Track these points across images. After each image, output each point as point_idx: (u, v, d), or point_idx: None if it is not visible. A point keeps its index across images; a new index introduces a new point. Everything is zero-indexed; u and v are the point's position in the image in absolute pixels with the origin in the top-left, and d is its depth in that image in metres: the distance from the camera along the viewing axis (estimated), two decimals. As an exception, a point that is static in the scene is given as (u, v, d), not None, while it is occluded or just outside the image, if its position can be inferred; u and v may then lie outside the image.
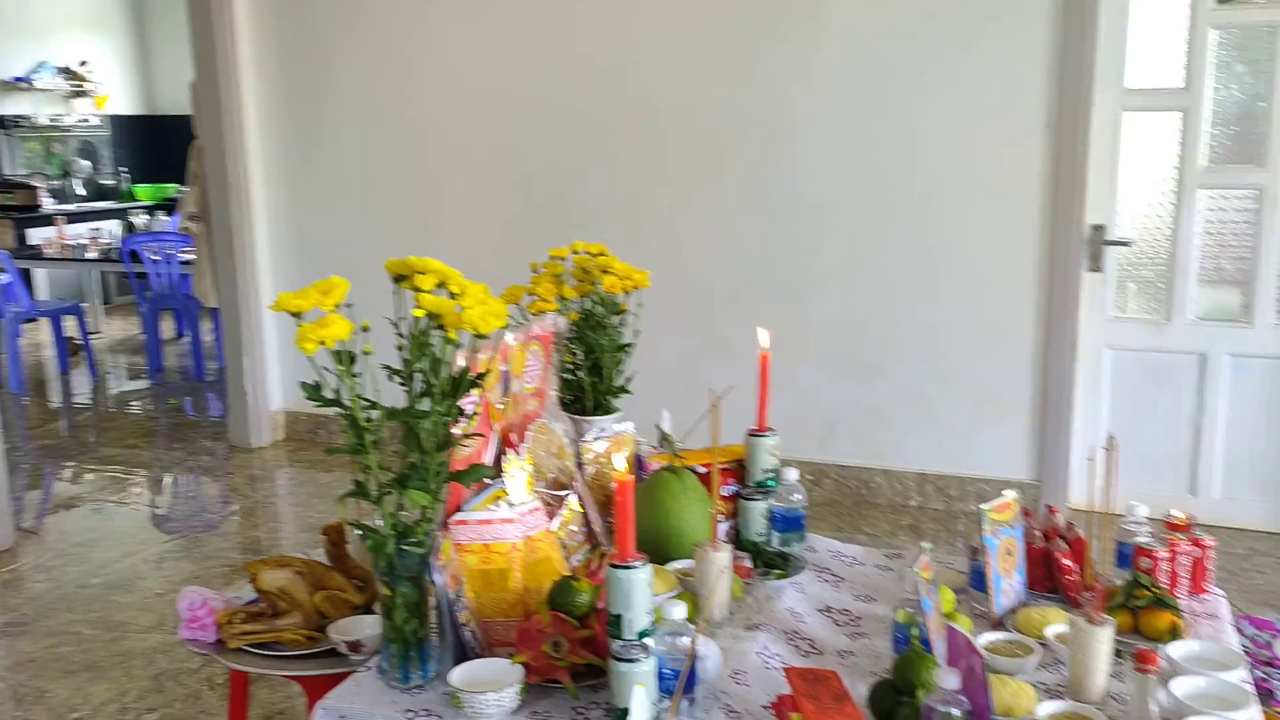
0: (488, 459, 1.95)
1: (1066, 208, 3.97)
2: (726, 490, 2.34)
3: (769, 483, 2.33)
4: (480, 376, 1.75)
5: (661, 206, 4.59)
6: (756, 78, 4.35)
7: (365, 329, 1.66)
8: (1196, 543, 2.21)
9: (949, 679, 1.55)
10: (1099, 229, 3.98)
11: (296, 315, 1.57)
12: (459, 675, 1.70)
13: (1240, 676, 1.85)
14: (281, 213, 5.29)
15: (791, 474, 2.33)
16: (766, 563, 2.23)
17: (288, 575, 2.07)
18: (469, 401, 1.77)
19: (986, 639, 1.96)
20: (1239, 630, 2.82)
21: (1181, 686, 1.79)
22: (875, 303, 4.34)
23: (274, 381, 5.43)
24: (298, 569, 2.10)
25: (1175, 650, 1.92)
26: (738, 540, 2.30)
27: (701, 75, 4.43)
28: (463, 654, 1.79)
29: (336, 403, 1.62)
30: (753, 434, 2.35)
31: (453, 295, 1.68)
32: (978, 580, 2.14)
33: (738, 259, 4.51)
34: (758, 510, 2.29)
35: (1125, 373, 4.11)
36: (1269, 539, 3.92)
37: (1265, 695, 2.53)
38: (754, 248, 4.48)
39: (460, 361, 1.73)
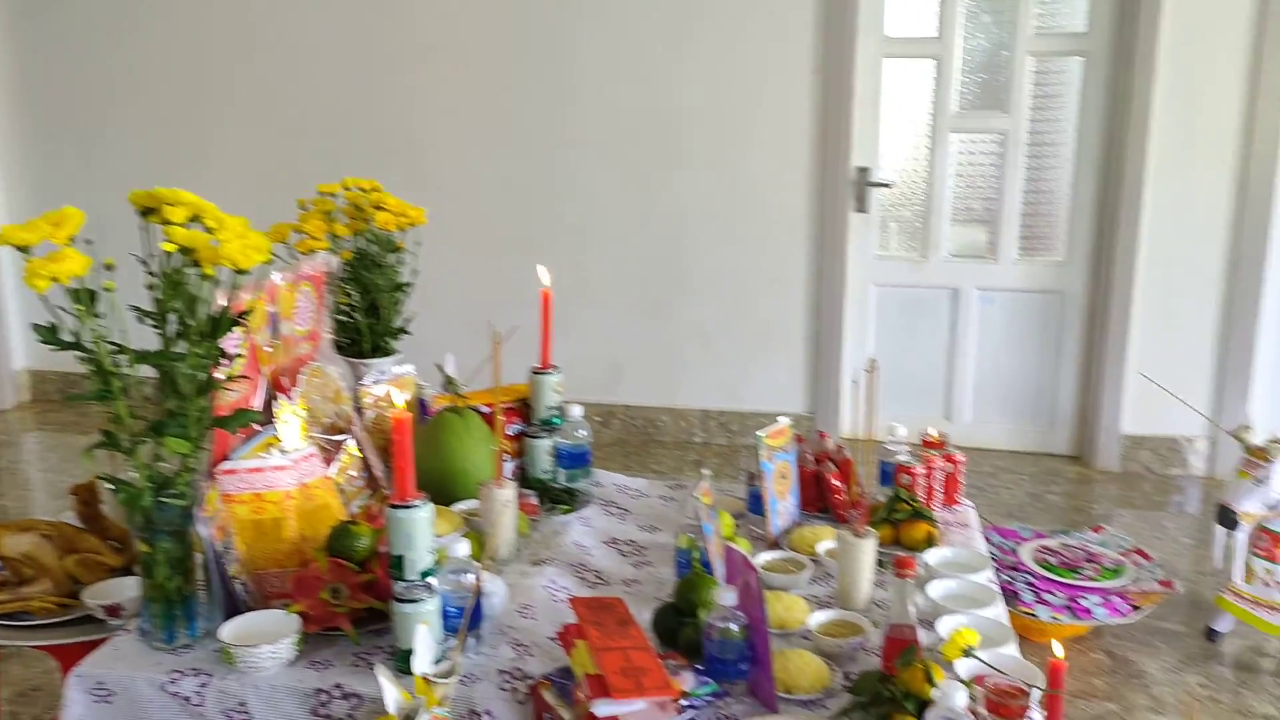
0: (256, 404, 1.85)
1: (834, 151, 4.14)
2: (512, 429, 2.33)
3: (554, 420, 2.33)
4: (243, 316, 1.65)
5: (442, 146, 4.47)
6: (537, 15, 4.28)
7: (109, 266, 1.52)
8: (949, 459, 2.38)
9: (727, 596, 1.61)
10: (864, 171, 4.19)
11: (24, 250, 1.43)
12: (230, 630, 1.62)
13: (987, 578, 2.02)
14: (13, 139, 4.79)
15: (576, 410, 2.33)
16: (553, 499, 2.23)
17: (32, 539, 1.90)
18: (231, 343, 1.67)
19: (763, 558, 2.05)
20: (987, 539, 3.07)
21: (937, 589, 1.94)
22: (659, 243, 4.40)
23: (14, 337, 4.96)
24: (44, 532, 1.93)
25: (931, 557, 2.07)
26: (524, 478, 2.29)
27: (483, 12, 4.31)
28: (234, 609, 1.70)
29: (76, 345, 1.49)
30: (536, 372, 2.34)
31: (208, 230, 1.57)
32: (755, 504, 2.22)
33: (522, 199, 4.46)
34: (543, 448, 2.29)
35: (889, 307, 4.36)
36: (1012, 457, 4.29)
37: (1010, 596, 2.78)
38: (539, 188, 4.44)
39: (220, 300, 1.63)
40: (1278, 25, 3.69)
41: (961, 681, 1.53)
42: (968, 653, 1.63)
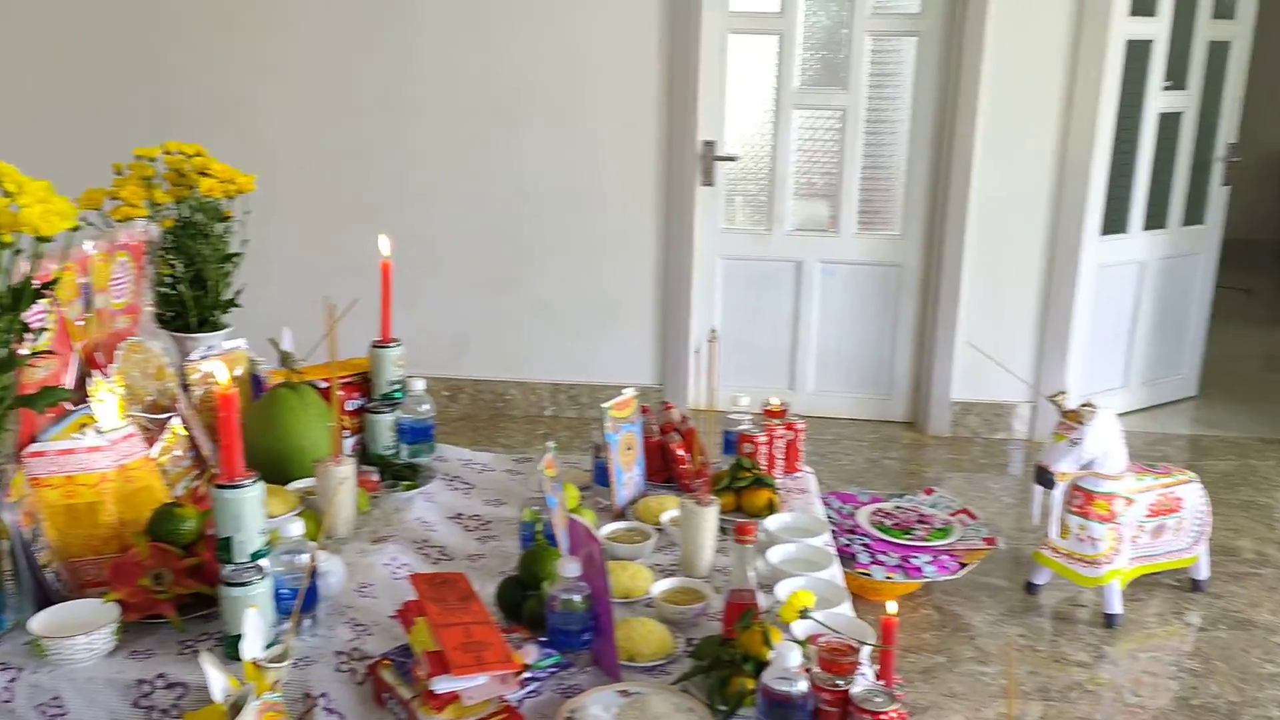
0: (66, 382, 1.74)
1: (681, 124, 4.17)
2: (352, 405, 2.26)
3: (395, 394, 2.28)
4: (48, 287, 1.54)
5: (276, 112, 4.28)
6: (375, -22, 4.14)
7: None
8: (790, 427, 2.44)
9: (570, 568, 1.61)
10: (710, 145, 4.23)
11: None
12: (41, 621, 1.52)
13: (825, 541, 2.08)
14: None
15: (418, 384, 2.28)
16: (395, 475, 2.18)
17: None
18: (36, 316, 1.55)
19: (608, 529, 2.06)
20: (827, 504, 3.18)
21: (776, 553, 1.99)
22: (506, 215, 4.34)
23: None
24: None
25: (772, 523, 2.12)
26: (365, 455, 2.23)
27: (315, -29, 4.14)
28: (46, 599, 1.60)
29: None
30: (376, 345, 2.28)
31: (7, 194, 1.45)
32: (601, 476, 2.23)
33: (362, 167, 4.32)
34: (384, 423, 2.23)
35: (735, 280, 4.43)
36: (853, 425, 4.44)
37: (849, 559, 2.88)
38: (380, 156, 4.30)
39: (22, 271, 1.51)
40: (1095, 9, 3.90)
41: (797, 642, 1.57)
42: (804, 614, 1.68)
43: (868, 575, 2.81)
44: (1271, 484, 3.90)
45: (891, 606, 1.55)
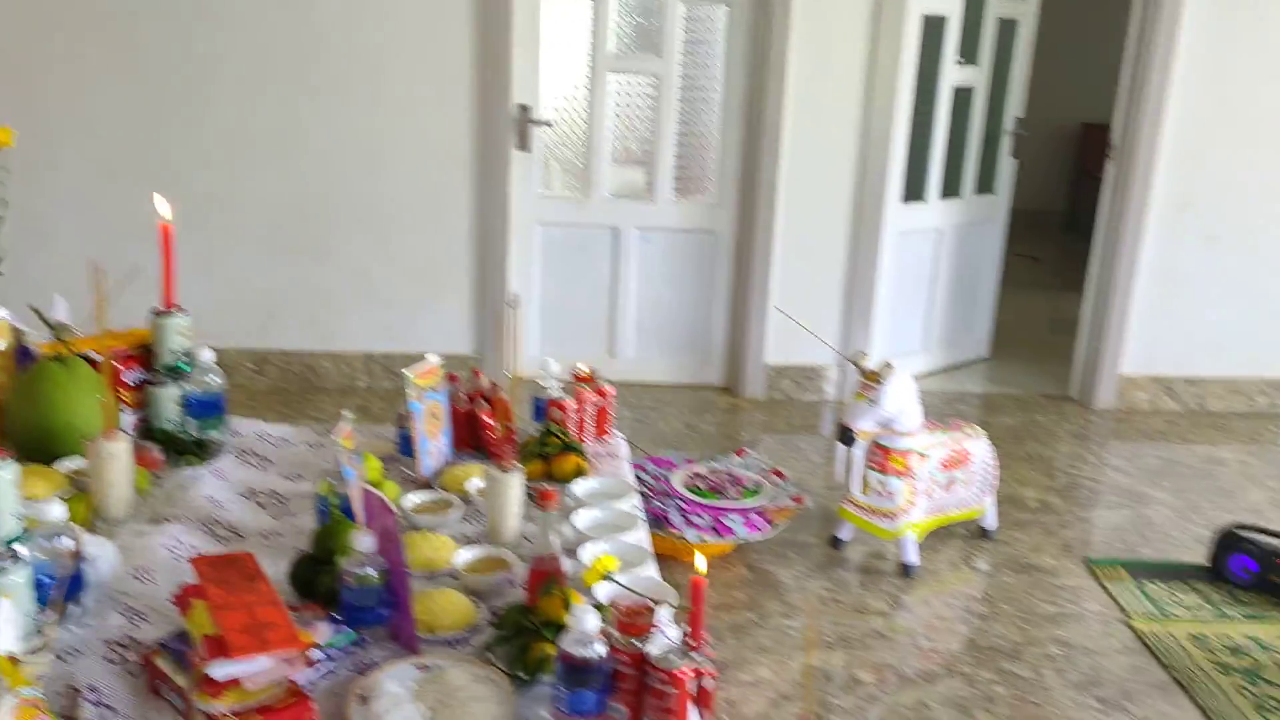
0: None
1: (494, 87, 4.08)
2: (132, 378, 2.11)
3: (181, 366, 2.14)
4: None
5: (58, 69, 3.94)
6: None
7: None
8: (600, 392, 2.44)
9: (363, 541, 1.55)
10: (525, 109, 4.17)
11: None
12: None
13: (631, 504, 2.09)
14: None
15: (206, 355, 2.15)
16: (180, 451, 2.06)
17: None
18: None
19: (412, 500, 2.01)
20: (643, 469, 3.21)
21: (583, 518, 1.98)
22: (312, 178, 4.15)
23: None
24: None
25: (579, 488, 2.11)
26: (149, 430, 2.09)
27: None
28: None
29: None
30: (158, 314, 2.14)
31: None
32: (406, 446, 2.17)
33: (156, 128, 4.04)
34: (168, 396, 2.10)
35: (553, 246, 4.40)
36: (672, 390, 4.51)
37: (662, 521, 2.92)
38: (175, 116, 4.03)
39: None
40: (894, -13, 4.05)
41: (600, 606, 1.57)
42: (607, 577, 1.68)
43: (681, 537, 2.85)
44: (1054, 437, 4.19)
45: (701, 564, 1.57)
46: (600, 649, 1.39)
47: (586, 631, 1.39)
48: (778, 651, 2.61)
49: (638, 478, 3.10)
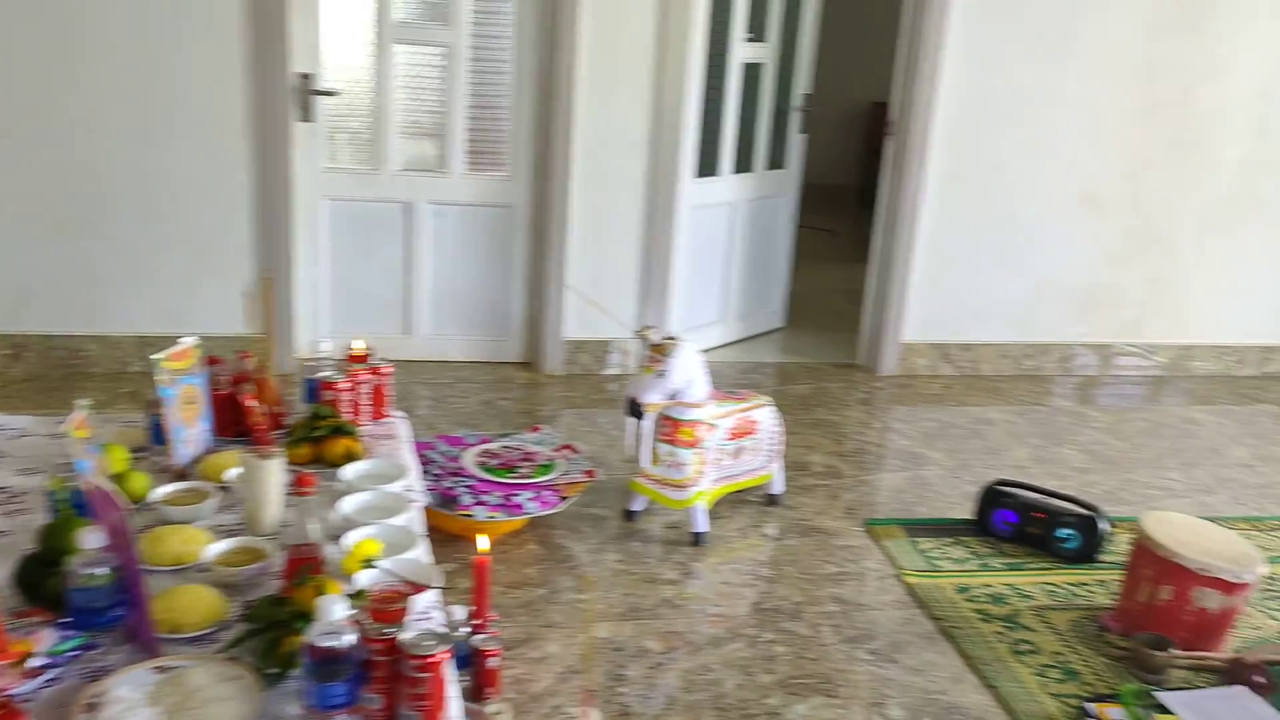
0: None
1: (271, 53, 3.87)
2: None
3: (-108, 354, 1.93)
4: None
5: None
6: None
7: None
8: (376, 371, 2.36)
9: (89, 538, 1.44)
10: (307, 78, 3.97)
11: None
12: None
13: (404, 486, 2.03)
14: None
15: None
16: (-109, 449, 1.86)
17: None
18: None
19: (164, 491, 1.89)
20: (433, 447, 3.14)
21: (350, 503, 1.91)
22: (75, 148, 3.83)
23: None
24: None
25: (349, 471, 2.04)
26: None
27: None
28: None
29: None
30: None
31: None
32: (158, 434, 2.04)
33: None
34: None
35: (342, 222, 4.23)
36: (470, 367, 4.43)
37: (452, 501, 2.87)
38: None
39: None
40: (682, -38, 4.08)
41: (357, 593, 1.51)
42: (368, 563, 1.63)
43: (470, 516, 2.81)
44: (841, 403, 4.36)
45: (483, 544, 1.53)
46: (350, 638, 1.34)
47: (334, 621, 1.33)
48: (568, 626, 2.60)
49: (428, 458, 3.04)
